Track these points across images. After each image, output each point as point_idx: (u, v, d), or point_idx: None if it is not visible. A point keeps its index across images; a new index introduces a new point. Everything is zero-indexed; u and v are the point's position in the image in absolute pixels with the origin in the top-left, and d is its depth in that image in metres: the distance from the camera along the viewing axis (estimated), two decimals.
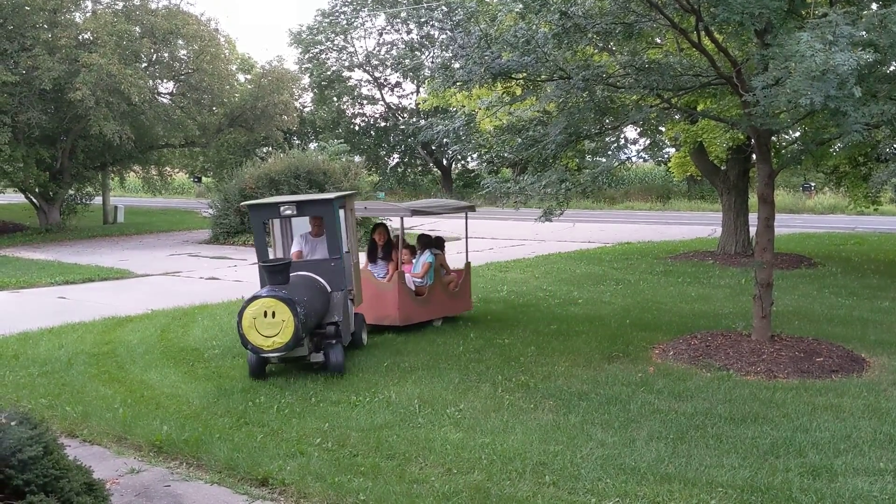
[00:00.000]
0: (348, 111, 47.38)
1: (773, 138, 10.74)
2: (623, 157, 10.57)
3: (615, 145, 10.34)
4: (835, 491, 5.21)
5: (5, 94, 22.13)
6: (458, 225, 27.30)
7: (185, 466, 6.15)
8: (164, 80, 28.16)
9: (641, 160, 32.63)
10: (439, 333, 10.21)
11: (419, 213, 10.85)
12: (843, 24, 6.34)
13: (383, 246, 10.81)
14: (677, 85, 9.07)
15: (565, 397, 7.37)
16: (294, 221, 10.09)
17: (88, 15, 25.40)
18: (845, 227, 24.09)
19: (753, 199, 11.22)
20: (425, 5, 39.58)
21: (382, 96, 47.07)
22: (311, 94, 46.19)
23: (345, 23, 44.76)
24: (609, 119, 9.53)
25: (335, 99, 46.11)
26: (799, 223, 25.08)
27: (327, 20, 44.56)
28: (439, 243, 11.33)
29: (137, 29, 24.98)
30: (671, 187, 38.26)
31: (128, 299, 13.47)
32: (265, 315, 7.69)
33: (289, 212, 8.70)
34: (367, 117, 47.95)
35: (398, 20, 44.66)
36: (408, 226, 13.21)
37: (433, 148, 41.80)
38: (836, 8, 7.51)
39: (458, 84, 8.88)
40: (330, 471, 5.74)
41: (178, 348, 9.72)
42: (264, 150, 37.80)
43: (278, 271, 8.06)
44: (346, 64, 45.88)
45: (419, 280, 10.64)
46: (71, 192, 28.27)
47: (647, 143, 19.35)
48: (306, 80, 44.02)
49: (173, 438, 6.51)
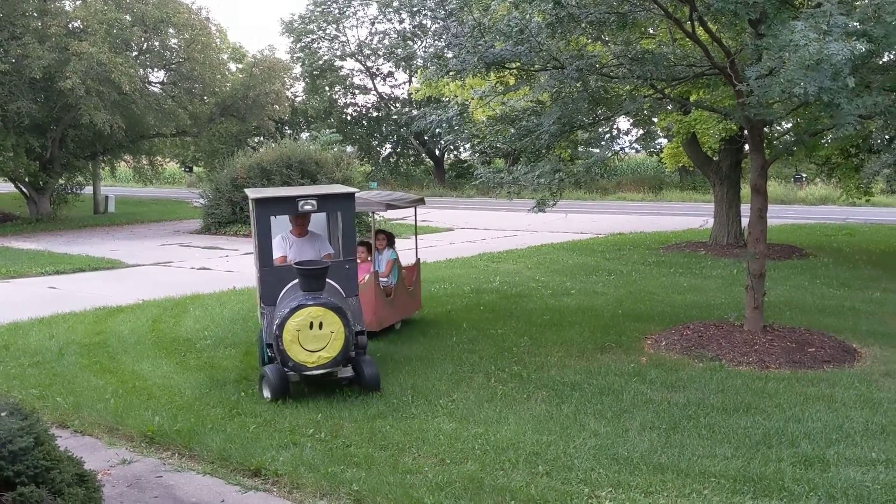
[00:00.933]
0: (340, 101, 47.23)
1: (766, 129, 10.75)
2: (616, 147, 10.56)
3: (608, 136, 10.34)
4: (827, 481, 5.22)
5: None
6: (448, 215, 27.29)
7: (177, 457, 6.13)
8: (155, 69, 28.01)
9: (634, 151, 32.69)
10: (432, 324, 10.20)
11: (393, 206, 9.67)
12: (837, 14, 6.33)
13: None
14: (671, 75, 9.05)
15: (558, 388, 7.38)
16: (273, 219, 8.66)
17: (78, 3, 25.21)
18: (837, 217, 24.17)
19: (745, 189, 11.24)
20: None
21: (374, 86, 46.97)
22: (303, 84, 46.05)
23: (336, 12, 44.57)
24: (602, 109, 9.51)
25: (327, 88, 45.94)
26: (791, 214, 25.15)
27: (319, 9, 44.35)
28: (391, 239, 10.36)
29: (128, 17, 24.79)
30: (663, 178, 38.28)
31: (119, 289, 13.41)
32: (311, 326, 6.78)
33: (308, 207, 7.56)
34: (359, 107, 47.83)
35: (390, 9, 44.47)
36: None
37: (426, 138, 41.70)
38: None
39: (451, 73, 8.82)
40: (323, 461, 5.73)
41: (169, 339, 9.68)
42: (256, 139, 37.69)
43: (316, 276, 7.06)
44: (338, 53, 45.71)
45: (385, 279, 9.80)
46: (61, 181, 28.12)
47: (640, 133, 19.39)
48: (298, 70, 43.88)
49: (165, 429, 6.48)
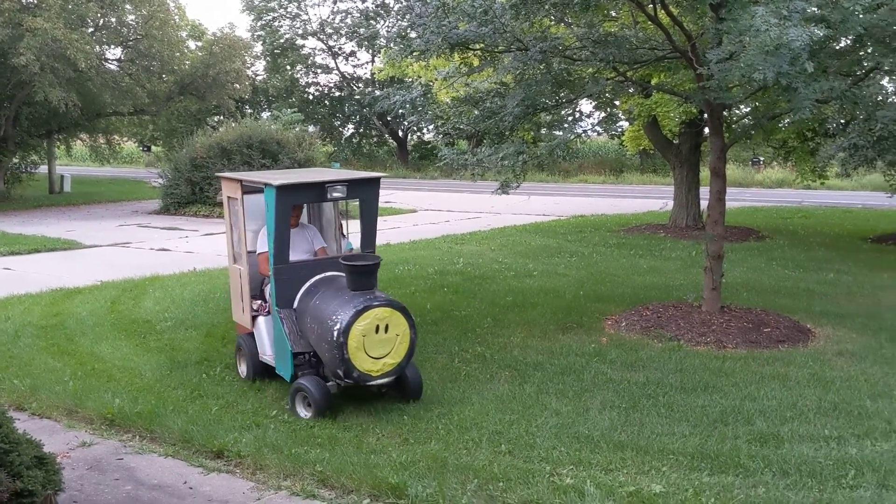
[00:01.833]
0: (302, 80, 46.68)
1: (726, 112, 10.89)
2: (579, 130, 10.63)
3: (571, 118, 10.40)
4: (781, 457, 5.36)
5: None
6: (411, 197, 27.24)
7: (138, 439, 6.09)
8: (112, 46, 27.39)
9: (596, 134, 32.85)
10: None
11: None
12: (796, 0, 6.42)
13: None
14: (633, 58, 9.12)
15: (521, 368, 7.45)
16: (249, 208, 7.40)
17: None
18: (793, 200, 24.61)
19: (705, 172, 11.39)
20: None
21: (337, 66, 46.47)
22: (264, 63, 45.38)
23: None
24: (565, 92, 9.55)
25: (288, 67, 45.35)
26: (748, 197, 25.55)
27: None
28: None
29: None
30: (624, 161, 38.55)
31: (76, 270, 13.18)
32: (376, 330, 6.06)
33: (338, 194, 6.82)
34: (321, 87, 47.32)
35: None
36: None
37: (389, 119, 41.46)
38: None
39: (415, 54, 8.79)
40: (286, 442, 5.73)
41: (129, 320, 9.56)
42: (216, 118, 37.13)
43: (370, 272, 6.29)
44: (300, 32, 45.10)
45: None
46: (15, 160, 27.46)
47: (602, 116, 19.52)
48: (259, 48, 43.26)
49: (126, 411, 6.42)
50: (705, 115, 9.82)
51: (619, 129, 26.33)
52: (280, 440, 5.78)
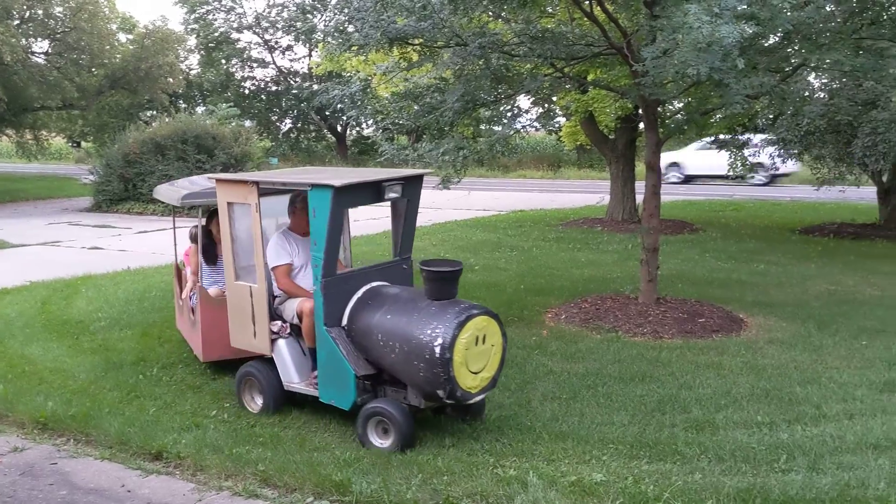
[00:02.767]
0: (238, 74, 45.89)
1: (660, 108, 11.10)
2: (518, 125, 10.70)
3: (510, 114, 10.46)
4: (716, 443, 5.51)
5: None
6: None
7: (72, 443, 5.93)
8: (39, 39, 26.53)
9: (534, 129, 33.14)
10: None
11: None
12: None
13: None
14: (570, 54, 9.21)
15: None
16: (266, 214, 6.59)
17: None
18: (724, 194, 25.24)
19: (640, 167, 11.62)
20: None
21: (273, 60, 45.85)
22: (198, 56, 44.52)
23: None
24: (504, 87, 9.61)
25: (223, 61, 44.54)
26: (682, 191, 26.10)
27: None
28: None
29: None
30: (562, 156, 38.97)
31: (3, 270, 12.74)
32: (476, 342, 5.51)
33: (394, 194, 6.23)
34: (257, 81, 46.60)
35: None
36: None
37: (327, 113, 41.11)
38: None
39: (353, 48, 8.73)
40: (227, 442, 5.65)
41: (60, 321, 9.29)
42: (149, 113, 36.31)
43: (454, 279, 5.75)
44: (235, 25, 44.32)
45: None
46: None
47: (540, 112, 19.71)
48: (192, 42, 42.42)
49: (59, 414, 6.24)
50: (640, 111, 10.00)
51: (557, 125, 26.60)
52: (221, 440, 5.69)
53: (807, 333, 8.44)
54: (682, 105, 11.39)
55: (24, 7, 24.56)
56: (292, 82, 45.34)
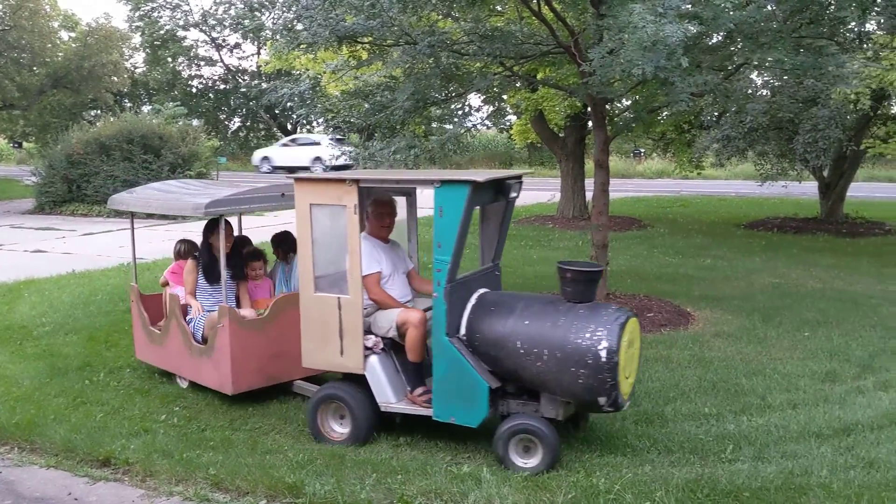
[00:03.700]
0: (184, 73, 45.19)
1: (608, 106, 11.25)
2: (469, 123, 10.76)
3: (461, 112, 10.51)
4: (666, 435, 5.61)
5: None
6: None
7: (17, 451, 5.78)
8: None
9: (485, 127, 33.26)
10: None
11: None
12: None
13: (230, 256, 6.74)
14: (519, 53, 9.29)
15: None
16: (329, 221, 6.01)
17: None
18: (672, 190, 25.69)
19: (590, 165, 11.75)
20: None
21: (221, 58, 45.21)
22: (144, 55, 43.73)
23: None
24: (454, 86, 9.64)
25: (170, 60, 43.79)
26: (631, 187, 26.48)
27: None
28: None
29: None
30: (513, 154, 39.21)
31: None
32: (629, 345, 5.13)
33: (515, 193, 5.89)
34: (205, 79, 45.94)
35: None
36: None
37: (277, 112, 40.71)
38: None
39: (302, 46, 8.67)
40: (178, 447, 5.56)
41: (2, 327, 9.04)
42: (93, 113, 35.53)
43: (596, 281, 5.44)
44: (181, 23, 43.61)
45: None
46: None
47: (491, 110, 19.79)
48: (137, 40, 41.64)
49: (3, 422, 6.08)
50: (589, 109, 10.12)
51: (508, 123, 26.70)
52: (171, 445, 5.61)
53: (752, 326, 8.64)
54: (629, 103, 11.57)
55: None
56: (241, 80, 44.80)
